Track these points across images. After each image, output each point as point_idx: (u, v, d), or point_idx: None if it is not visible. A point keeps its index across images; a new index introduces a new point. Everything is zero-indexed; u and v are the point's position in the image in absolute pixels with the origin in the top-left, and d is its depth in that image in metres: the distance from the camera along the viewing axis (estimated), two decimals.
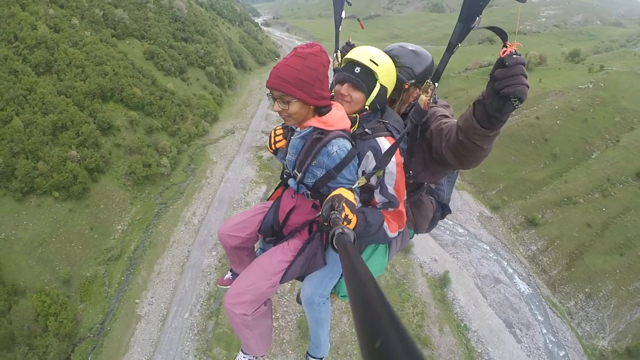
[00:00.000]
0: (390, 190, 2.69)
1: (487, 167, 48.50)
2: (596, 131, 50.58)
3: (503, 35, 1.96)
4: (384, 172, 2.65)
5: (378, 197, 2.74)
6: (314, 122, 2.67)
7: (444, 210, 3.58)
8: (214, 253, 35.69)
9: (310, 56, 2.50)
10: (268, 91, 2.60)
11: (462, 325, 33.16)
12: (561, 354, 31.92)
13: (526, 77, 1.80)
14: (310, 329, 3.53)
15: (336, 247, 1.75)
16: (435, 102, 3.02)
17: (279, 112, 2.65)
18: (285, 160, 3.07)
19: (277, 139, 3.23)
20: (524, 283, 37.40)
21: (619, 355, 31.50)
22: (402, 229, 2.87)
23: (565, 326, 34.10)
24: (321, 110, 2.66)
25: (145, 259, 34.13)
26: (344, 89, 2.76)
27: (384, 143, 2.67)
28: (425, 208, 3.31)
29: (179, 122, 48.41)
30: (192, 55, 57.98)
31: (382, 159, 2.61)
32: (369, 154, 2.68)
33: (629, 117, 52.08)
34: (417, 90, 3.09)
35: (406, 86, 2.89)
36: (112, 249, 33.57)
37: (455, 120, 2.40)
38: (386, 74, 2.77)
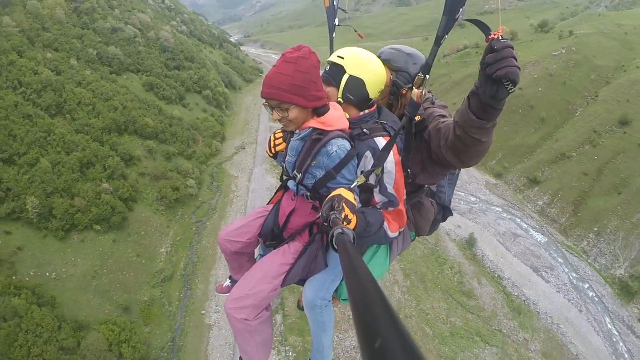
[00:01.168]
0: (390, 189, 2.66)
1: None
2: (576, 91, 54.27)
3: (485, 28, 1.98)
4: (383, 171, 2.62)
5: (378, 197, 2.71)
6: (313, 122, 2.64)
7: (445, 212, 3.57)
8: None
9: (301, 60, 2.47)
10: (264, 101, 2.55)
11: (497, 276, 36.90)
12: (585, 287, 36.32)
13: (516, 60, 1.81)
14: (313, 334, 3.41)
15: (336, 248, 1.72)
16: (433, 103, 3.03)
17: (279, 121, 2.64)
18: (285, 163, 3.03)
19: (277, 142, 3.21)
20: (539, 234, 41.37)
21: (637, 278, 35.39)
22: (402, 229, 2.84)
23: (584, 263, 38.28)
24: (319, 110, 2.62)
25: (198, 274, 34.10)
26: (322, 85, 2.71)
27: (382, 143, 2.65)
28: (426, 210, 3.28)
29: (192, 145, 48.57)
30: (188, 82, 58.30)
31: (380, 156, 2.60)
32: (368, 154, 2.66)
33: (603, 74, 56.24)
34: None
35: (404, 92, 2.88)
36: (163, 271, 33.47)
37: (453, 119, 2.41)
38: (356, 66, 2.74)
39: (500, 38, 1.83)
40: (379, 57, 3.02)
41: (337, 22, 3.36)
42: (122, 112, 43.75)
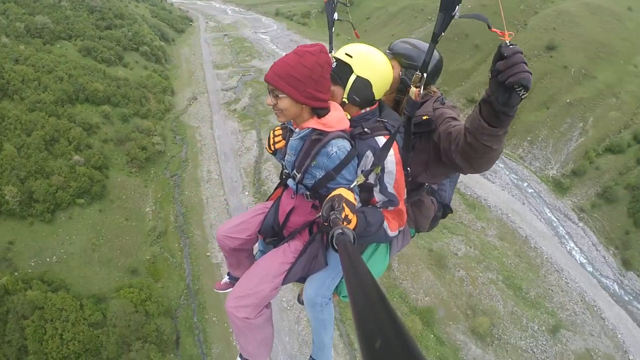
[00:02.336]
0: (390, 189, 2.63)
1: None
2: (506, 20, 55.53)
3: (484, 19, 2.00)
4: (382, 170, 2.59)
5: (378, 196, 2.68)
6: (313, 123, 2.59)
7: (445, 209, 3.55)
8: (246, 193, 37.70)
9: (307, 54, 2.43)
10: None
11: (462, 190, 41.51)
12: (525, 185, 42.66)
13: (527, 65, 1.77)
14: (314, 331, 3.45)
15: (336, 248, 1.72)
16: (443, 103, 2.94)
17: (271, 106, 2.61)
18: (284, 161, 2.98)
19: (277, 139, 3.16)
20: None
21: (567, 176, 42.09)
22: (402, 228, 2.83)
23: (521, 167, 44.37)
24: (319, 111, 2.58)
25: (191, 222, 35.20)
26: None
27: (383, 142, 2.61)
28: (426, 208, 3.26)
29: (145, 103, 47.35)
30: (123, 40, 55.50)
31: (379, 154, 2.56)
32: (368, 153, 2.61)
33: (531, 4, 60.51)
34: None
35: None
36: (155, 228, 34.11)
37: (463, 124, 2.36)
38: (364, 66, 2.67)
39: (509, 44, 1.81)
40: (391, 49, 3.05)
41: (336, 16, 3.25)
42: (69, 81, 41.96)
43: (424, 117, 2.74)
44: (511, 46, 1.79)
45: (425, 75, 2.37)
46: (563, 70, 49.35)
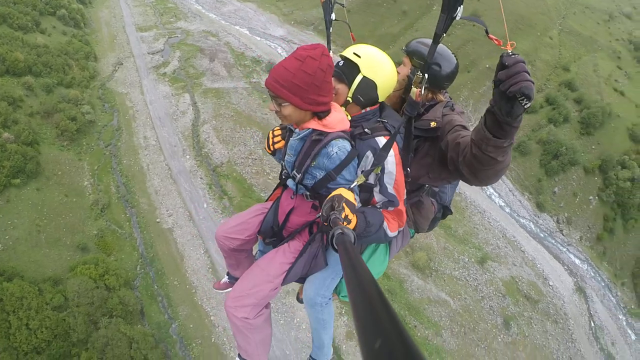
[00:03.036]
0: (390, 189, 2.62)
1: (354, 30, 55.30)
2: None
3: (483, 24, 2.02)
4: (382, 170, 2.59)
5: (378, 197, 2.67)
6: (313, 124, 2.57)
7: (445, 211, 3.54)
8: (187, 157, 37.46)
9: (309, 59, 2.37)
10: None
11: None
12: None
13: (529, 74, 1.76)
14: (313, 331, 3.45)
15: (336, 248, 1.71)
16: (453, 109, 2.92)
17: (275, 112, 2.59)
18: (284, 161, 2.95)
19: (276, 139, 3.13)
20: None
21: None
22: (402, 228, 2.81)
23: None
24: (320, 113, 2.55)
25: (134, 190, 34.75)
26: (333, 82, 2.62)
27: (383, 142, 2.60)
28: (426, 209, 3.24)
29: (69, 71, 44.37)
30: (39, 4, 50.96)
31: (380, 155, 2.55)
32: (369, 153, 2.61)
33: None
34: (430, 94, 3.04)
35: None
36: (97, 201, 33.22)
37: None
38: (371, 67, 2.67)
39: (510, 53, 1.80)
40: (406, 47, 3.05)
41: (333, 16, 3.23)
42: None
43: (432, 124, 2.75)
44: (513, 56, 1.80)
45: (426, 76, 2.39)
46: (484, 38, 50.86)
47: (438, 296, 30.91)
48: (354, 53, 2.70)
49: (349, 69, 2.70)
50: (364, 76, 2.65)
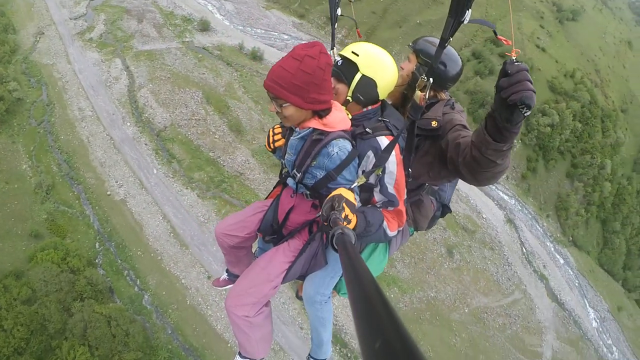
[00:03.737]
0: (390, 189, 2.60)
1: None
2: None
3: (491, 26, 2.03)
4: (383, 171, 2.57)
5: (378, 196, 2.65)
6: (314, 123, 2.54)
7: (444, 209, 3.53)
8: (127, 124, 35.93)
9: (307, 58, 2.33)
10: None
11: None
12: None
13: (531, 83, 1.75)
14: (312, 329, 3.45)
15: (336, 248, 1.70)
16: (453, 108, 2.91)
17: (276, 114, 2.56)
18: (284, 160, 2.92)
19: (276, 137, 3.14)
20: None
21: None
22: (401, 228, 2.79)
23: None
24: (321, 112, 2.52)
25: (78, 166, 33.04)
26: (332, 81, 2.61)
27: (385, 142, 2.58)
28: (426, 208, 3.23)
29: None
30: None
31: (381, 156, 2.54)
32: (370, 153, 2.58)
33: None
34: (432, 92, 2.95)
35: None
36: (40, 183, 31.32)
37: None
38: (370, 65, 2.66)
39: (514, 60, 1.80)
40: (412, 44, 3.07)
41: (339, 12, 3.18)
42: None
43: (433, 124, 2.75)
44: (516, 63, 1.79)
45: (431, 80, 2.36)
46: None
47: None
48: (353, 52, 2.68)
49: (348, 68, 2.69)
50: (363, 75, 2.64)
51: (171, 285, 27.31)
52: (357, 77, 2.64)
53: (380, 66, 2.67)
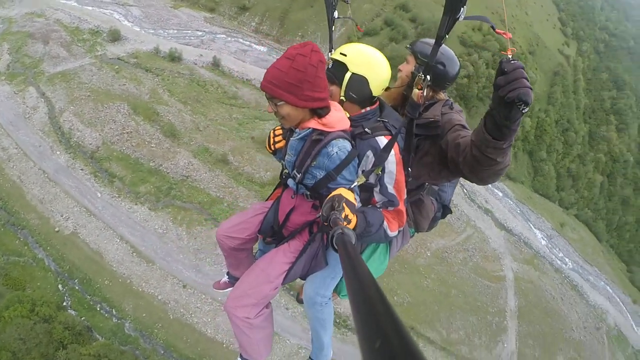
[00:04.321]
0: (390, 189, 2.60)
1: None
2: None
3: (488, 22, 2.05)
4: (383, 170, 2.57)
5: (378, 197, 2.65)
6: (313, 123, 2.54)
7: (444, 210, 3.51)
8: (57, 153, 33.81)
9: (299, 57, 2.37)
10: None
11: (245, 80, 50.24)
12: None
13: (527, 80, 1.78)
14: (313, 331, 3.41)
15: (336, 248, 1.69)
16: (452, 108, 2.92)
17: (274, 114, 2.57)
18: (284, 161, 2.92)
19: (277, 139, 3.11)
20: (260, 46, 51.62)
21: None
22: (402, 228, 2.78)
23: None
24: (319, 112, 2.52)
25: (17, 209, 30.32)
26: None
27: (384, 142, 2.58)
28: (426, 208, 3.22)
29: None
30: None
31: (380, 155, 2.55)
32: (369, 153, 2.58)
33: None
34: (431, 92, 3.04)
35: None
36: None
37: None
38: (359, 63, 2.67)
39: (510, 59, 1.82)
40: (410, 45, 3.11)
41: (336, 14, 3.17)
42: None
43: (431, 118, 2.77)
44: (512, 62, 1.81)
45: (428, 77, 2.41)
46: None
47: None
48: (341, 53, 2.73)
49: (338, 69, 2.73)
50: (353, 73, 2.68)
51: (149, 305, 26.53)
52: (347, 76, 2.69)
53: (369, 63, 2.71)
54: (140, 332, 25.59)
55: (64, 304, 26.39)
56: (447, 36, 2.13)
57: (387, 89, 2.86)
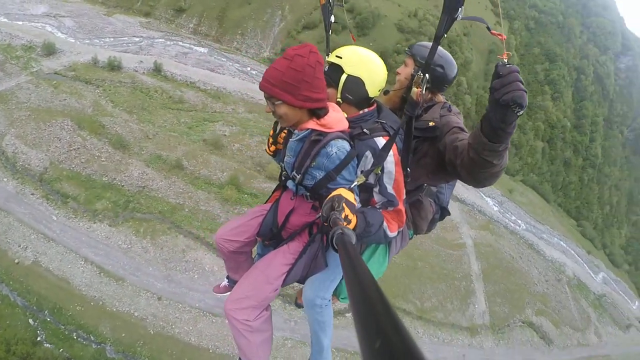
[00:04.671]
0: (390, 189, 2.59)
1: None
2: None
3: (486, 24, 2.08)
4: (382, 170, 2.56)
5: (377, 197, 2.63)
6: (312, 124, 2.55)
7: (443, 212, 3.50)
8: (4, 180, 32.13)
9: (297, 57, 2.39)
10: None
11: (189, 82, 50.87)
12: (248, 69, 49.74)
13: (522, 83, 1.80)
14: (312, 334, 3.36)
15: (336, 248, 1.67)
16: (450, 111, 2.92)
17: (272, 114, 2.58)
18: (283, 163, 2.91)
19: (279, 139, 3.10)
20: (200, 47, 50.83)
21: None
22: (401, 229, 2.77)
23: (240, 56, 51.15)
24: (318, 112, 2.53)
25: None
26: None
27: (382, 143, 2.58)
28: (425, 209, 3.21)
29: None
30: None
31: (379, 155, 2.54)
32: (368, 153, 2.58)
33: None
34: (429, 94, 3.08)
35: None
36: None
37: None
38: (354, 64, 2.70)
39: (505, 62, 1.84)
40: (409, 48, 3.13)
41: (332, 18, 3.22)
42: None
43: (430, 124, 2.78)
44: (507, 65, 1.84)
45: (427, 76, 2.39)
46: None
47: None
48: (336, 55, 2.77)
49: (334, 72, 2.76)
50: (348, 75, 2.71)
51: (127, 324, 25.37)
52: (343, 77, 2.72)
53: (364, 64, 2.73)
54: (123, 354, 24.59)
55: (38, 338, 24.74)
56: (445, 35, 2.17)
57: (386, 92, 2.99)
